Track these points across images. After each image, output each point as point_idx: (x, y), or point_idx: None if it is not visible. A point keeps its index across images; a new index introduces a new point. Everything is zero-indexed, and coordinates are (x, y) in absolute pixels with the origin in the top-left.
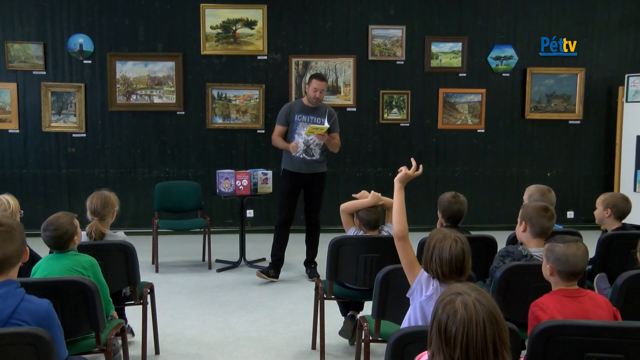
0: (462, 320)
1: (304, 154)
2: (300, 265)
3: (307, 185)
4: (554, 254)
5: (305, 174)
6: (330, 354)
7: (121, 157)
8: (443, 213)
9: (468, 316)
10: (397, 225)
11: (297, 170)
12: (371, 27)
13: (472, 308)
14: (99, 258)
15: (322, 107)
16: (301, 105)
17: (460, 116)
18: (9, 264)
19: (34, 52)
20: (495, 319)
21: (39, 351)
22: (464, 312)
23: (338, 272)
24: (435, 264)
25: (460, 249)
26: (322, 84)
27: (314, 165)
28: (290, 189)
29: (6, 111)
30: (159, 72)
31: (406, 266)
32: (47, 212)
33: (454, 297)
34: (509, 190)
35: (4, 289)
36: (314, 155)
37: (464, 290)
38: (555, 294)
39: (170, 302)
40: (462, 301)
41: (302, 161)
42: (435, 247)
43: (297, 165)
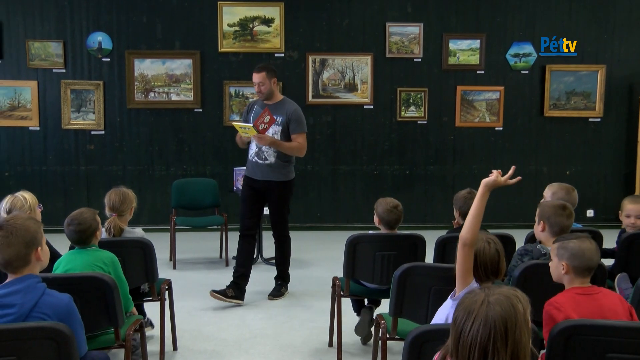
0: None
1: (256, 156)
2: (318, 263)
3: (264, 193)
4: (569, 250)
5: (260, 180)
6: (347, 352)
7: (139, 155)
8: (460, 210)
9: (484, 318)
10: (468, 231)
11: (252, 175)
12: (388, 24)
13: (485, 309)
14: (118, 254)
15: (284, 104)
16: (261, 102)
17: (478, 114)
18: (12, 266)
19: (54, 51)
20: (515, 322)
21: (60, 346)
22: (483, 312)
23: (355, 269)
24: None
25: (494, 250)
26: (257, 76)
27: (267, 171)
28: (247, 194)
29: (27, 109)
30: (177, 70)
31: (461, 273)
32: (67, 209)
33: (475, 296)
34: (527, 188)
35: (24, 284)
36: (267, 159)
37: (488, 291)
38: (569, 292)
39: (187, 298)
40: (481, 301)
41: (255, 165)
42: None
43: (250, 168)
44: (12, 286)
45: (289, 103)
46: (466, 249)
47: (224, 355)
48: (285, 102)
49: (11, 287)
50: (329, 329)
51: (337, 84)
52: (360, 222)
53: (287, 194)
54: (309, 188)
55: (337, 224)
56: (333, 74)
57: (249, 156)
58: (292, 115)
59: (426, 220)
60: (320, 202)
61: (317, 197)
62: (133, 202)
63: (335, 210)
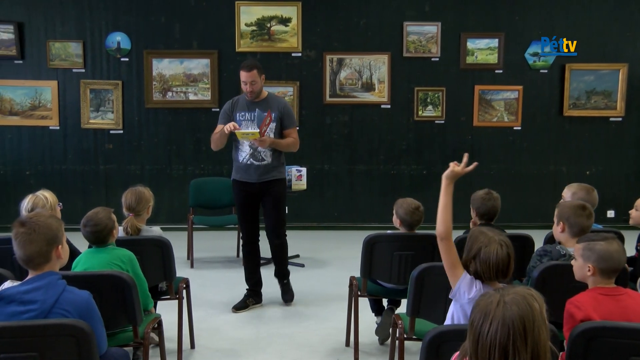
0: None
1: (251, 158)
2: (335, 262)
3: (261, 195)
4: (596, 252)
5: (256, 183)
6: (364, 352)
7: (157, 154)
8: (477, 211)
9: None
10: (441, 224)
11: (246, 179)
12: (406, 23)
13: (501, 310)
14: (136, 253)
15: (270, 100)
16: (244, 100)
17: (496, 113)
18: (33, 263)
19: (74, 51)
20: (533, 320)
21: (80, 343)
22: (499, 313)
23: (372, 269)
24: (480, 267)
25: (505, 253)
26: (248, 75)
27: (265, 172)
28: (243, 201)
29: (47, 108)
30: (194, 69)
31: (448, 267)
32: (86, 208)
33: (490, 298)
34: (546, 188)
35: (45, 280)
36: (264, 160)
37: (503, 291)
38: (591, 292)
39: (204, 297)
40: (497, 302)
41: (250, 167)
42: (481, 251)
43: (244, 172)
44: (33, 283)
45: (277, 98)
46: (444, 242)
47: (240, 354)
48: (273, 97)
49: (33, 283)
50: (346, 329)
51: (354, 83)
52: (377, 222)
53: (285, 192)
54: (326, 187)
55: (354, 224)
56: (350, 73)
57: (241, 159)
58: (284, 110)
59: None
60: (337, 201)
61: (334, 197)
62: (150, 201)
63: (352, 209)
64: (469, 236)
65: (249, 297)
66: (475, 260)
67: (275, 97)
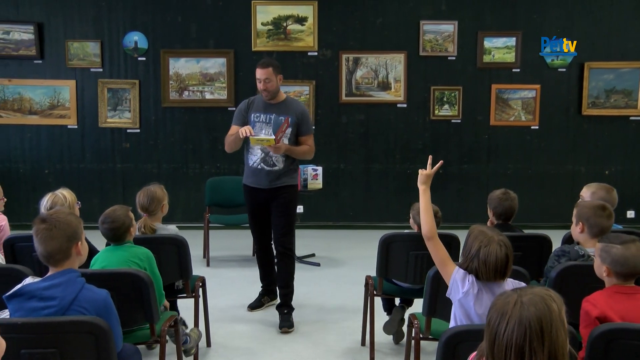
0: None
1: (262, 163)
2: (351, 262)
3: (271, 201)
4: (611, 256)
5: (266, 189)
6: (380, 351)
7: (173, 153)
8: (494, 211)
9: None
10: (424, 225)
11: (257, 185)
12: (422, 22)
13: (518, 310)
14: (153, 251)
15: (288, 103)
16: (261, 100)
17: (514, 112)
18: (54, 259)
19: (92, 50)
20: (551, 321)
21: (98, 340)
22: (516, 314)
23: (388, 269)
24: (478, 266)
25: (504, 254)
26: (263, 71)
27: (276, 177)
28: (253, 208)
29: (66, 107)
30: (211, 69)
31: (439, 264)
32: (103, 206)
33: (508, 297)
34: (564, 188)
35: (64, 277)
36: (275, 165)
37: (521, 291)
38: (608, 290)
39: (220, 295)
40: (514, 302)
41: (261, 172)
42: (480, 250)
43: (254, 177)
44: (53, 279)
45: (296, 102)
46: (431, 242)
47: (256, 353)
48: (291, 101)
49: (52, 280)
50: (361, 328)
51: (370, 82)
52: (393, 221)
53: (296, 199)
54: (342, 187)
55: (370, 223)
56: (366, 72)
57: (251, 163)
58: (301, 116)
59: (459, 219)
60: (353, 200)
61: (350, 196)
62: (163, 200)
63: (367, 209)
64: (468, 235)
65: (264, 295)
66: (474, 260)
67: (294, 101)
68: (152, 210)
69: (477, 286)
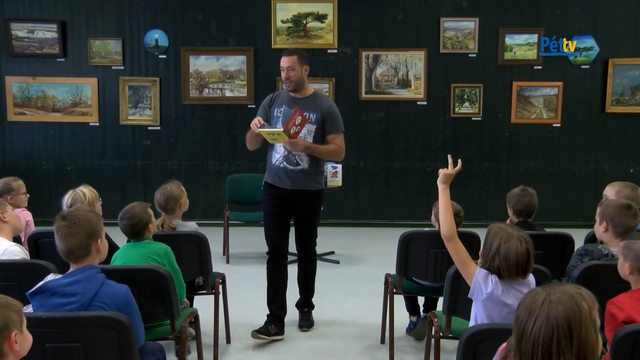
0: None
1: (284, 161)
2: (370, 260)
3: (293, 205)
4: (633, 252)
5: (288, 189)
6: (400, 349)
7: (193, 150)
8: (513, 208)
9: (546, 317)
10: (444, 226)
11: (278, 184)
12: (443, 19)
13: (546, 308)
14: (173, 248)
15: (315, 98)
16: (286, 95)
17: (535, 110)
18: (74, 256)
19: (114, 48)
20: (580, 321)
21: (120, 335)
22: (544, 312)
23: (408, 267)
24: (499, 263)
25: (525, 249)
26: (287, 59)
27: (300, 178)
28: (272, 208)
29: (88, 105)
30: (231, 66)
31: (459, 264)
32: (124, 203)
33: (537, 295)
34: (586, 186)
35: (85, 274)
36: (299, 164)
37: (550, 289)
38: (635, 293)
39: (240, 292)
40: (542, 300)
41: (283, 171)
42: (500, 247)
43: (276, 176)
44: (74, 276)
45: (323, 97)
46: (450, 242)
47: (276, 349)
48: (319, 96)
49: (73, 276)
50: (381, 326)
51: (390, 80)
52: (413, 219)
53: (320, 204)
54: (361, 184)
55: (389, 221)
56: (386, 69)
57: (274, 160)
58: (328, 112)
59: (480, 217)
60: (373, 198)
61: (370, 194)
62: (180, 198)
63: (387, 206)
64: (487, 233)
65: (272, 323)
66: (495, 257)
67: (321, 95)
68: (169, 209)
69: (500, 286)
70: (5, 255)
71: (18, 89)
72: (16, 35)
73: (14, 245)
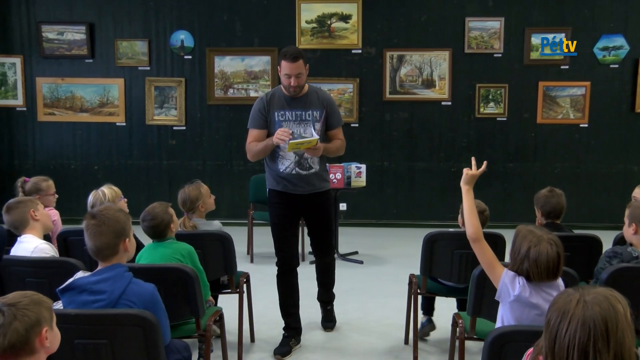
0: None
1: (296, 167)
2: (394, 260)
3: (306, 210)
4: None
5: (305, 194)
6: (424, 350)
7: (218, 150)
8: (542, 209)
9: (581, 318)
10: (469, 227)
11: (291, 191)
12: (468, 19)
13: (581, 309)
14: (198, 247)
15: (311, 95)
16: (281, 95)
17: (562, 110)
18: (102, 255)
19: (140, 49)
20: (617, 322)
21: (147, 333)
22: (579, 313)
23: (432, 267)
24: (529, 267)
25: (555, 252)
26: (294, 66)
27: (314, 181)
28: (282, 217)
29: (114, 105)
30: (255, 67)
31: (486, 267)
32: (150, 202)
33: (570, 296)
34: (615, 188)
35: (113, 272)
36: (311, 167)
37: (583, 290)
38: None
39: (264, 291)
40: (576, 301)
41: (296, 178)
42: (530, 250)
43: (288, 183)
44: (102, 274)
45: (320, 91)
46: (476, 244)
47: (300, 349)
48: (315, 90)
49: (101, 274)
50: (405, 327)
51: (414, 80)
52: (437, 220)
53: (332, 206)
54: (385, 184)
55: (413, 221)
56: (410, 70)
57: (283, 168)
58: (330, 107)
59: (505, 219)
60: (397, 198)
61: (394, 194)
62: (199, 198)
63: (411, 207)
64: (515, 235)
65: (290, 338)
66: (524, 260)
67: (318, 90)
68: (189, 209)
69: (528, 289)
70: (35, 252)
71: (48, 89)
72: (46, 37)
73: (43, 243)
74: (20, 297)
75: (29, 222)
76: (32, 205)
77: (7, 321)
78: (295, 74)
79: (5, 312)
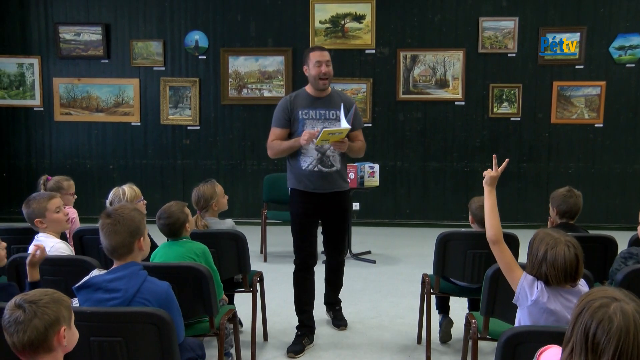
0: (617, 330)
1: (319, 164)
2: (407, 260)
3: (325, 209)
4: None
5: (324, 193)
6: (436, 350)
7: (232, 149)
8: (558, 209)
9: (625, 327)
10: (490, 229)
11: (312, 190)
12: (482, 19)
13: (631, 319)
14: (212, 246)
15: (334, 96)
16: (305, 96)
17: (576, 110)
18: (117, 253)
19: (155, 49)
20: None
21: (161, 331)
22: (621, 322)
23: (445, 267)
24: (547, 270)
25: (573, 254)
26: (325, 53)
27: (336, 180)
28: (304, 216)
29: (130, 105)
30: (269, 67)
31: (505, 269)
32: (164, 201)
33: (608, 302)
34: (630, 188)
35: (128, 270)
36: (333, 165)
37: (620, 297)
38: None
39: (277, 291)
40: (620, 309)
41: (318, 175)
42: (547, 253)
43: (310, 182)
44: (117, 272)
45: (343, 94)
46: (496, 246)
47: (313, 348)
48: (338, 92)
49: (116, 273)
50: (417, 326)
51: (428, 80)
52: (450, 220)
53: (350, 206)
54: (399, 184)
55: (426, 221)
56: (424, 70)
57: (305, 166)
58: (355, 109)
59: (518, 218)
60: (410, 198)
61: (407, 194)
62: (212, 197)
63: (424, 207)
64: (533, 238)
65: (304, 336)
66: (542, 264)
67: (341, 93)
68: (201, 207)
69: (546, 294)
70: (51, 252)
71: (64, 89)
72: (64, 38)
73: (60, 242)
74: (41, 294)
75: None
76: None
77: (27, 318)
78: (325, 61)
79: (27, 309)
